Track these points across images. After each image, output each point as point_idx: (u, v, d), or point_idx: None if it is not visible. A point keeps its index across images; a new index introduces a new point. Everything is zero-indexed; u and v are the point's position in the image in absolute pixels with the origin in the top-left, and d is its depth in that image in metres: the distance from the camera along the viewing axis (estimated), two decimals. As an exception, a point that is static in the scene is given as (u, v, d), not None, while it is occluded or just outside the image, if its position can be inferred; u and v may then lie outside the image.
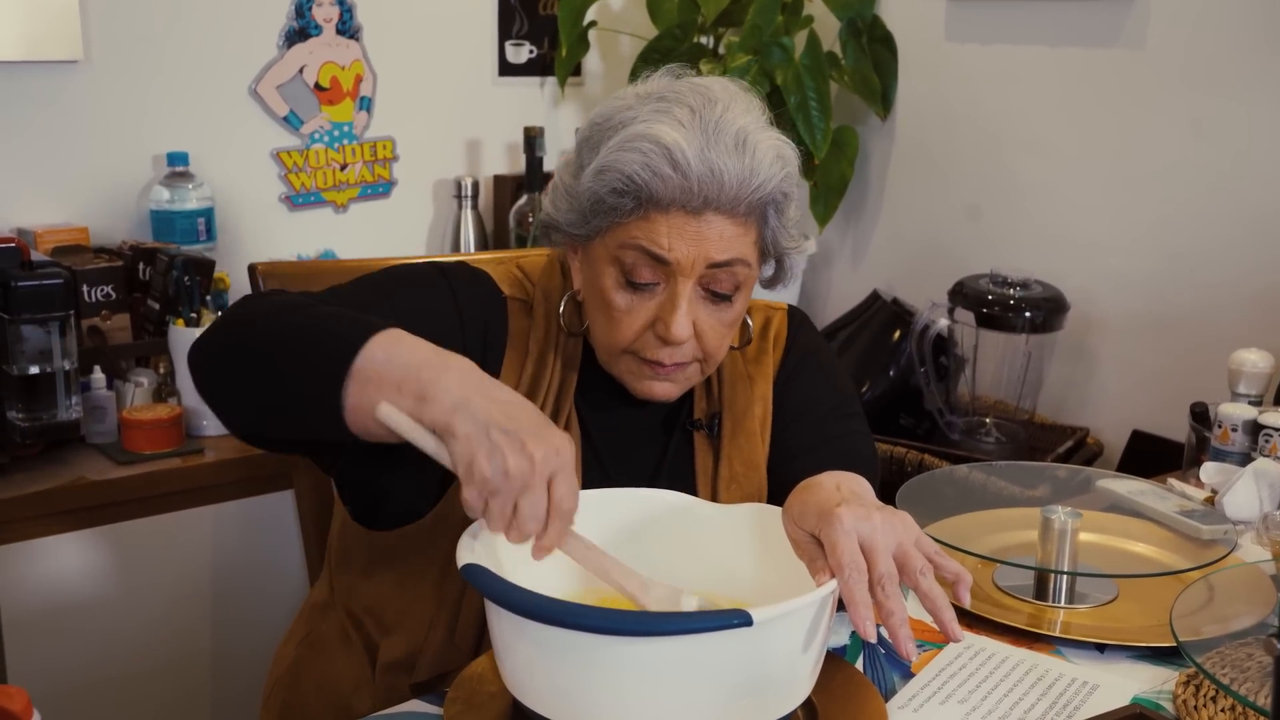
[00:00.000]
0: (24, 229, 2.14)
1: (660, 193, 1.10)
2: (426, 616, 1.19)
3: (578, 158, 1.17)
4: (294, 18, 2.41)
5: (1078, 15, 2.27)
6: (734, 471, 1.24)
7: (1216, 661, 1.07)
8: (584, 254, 1.19)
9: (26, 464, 1.88)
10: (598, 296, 1.17)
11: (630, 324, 1.15)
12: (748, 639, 0.87)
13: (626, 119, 1.12)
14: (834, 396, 1.31)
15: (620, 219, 1.12)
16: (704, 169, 1.09)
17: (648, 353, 1.17)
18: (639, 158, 1.09)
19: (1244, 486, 1.50)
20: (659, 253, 1.12)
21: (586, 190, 1.13)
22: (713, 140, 1.09)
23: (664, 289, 1.14)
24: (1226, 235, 2.11)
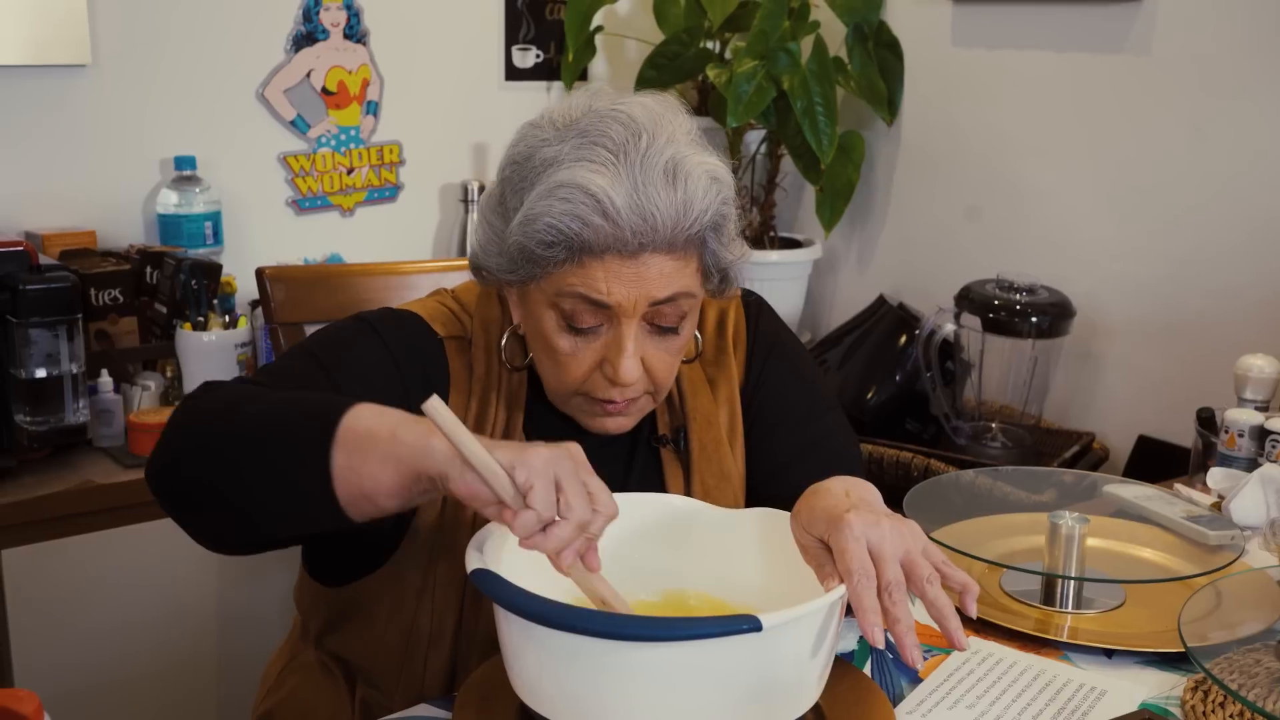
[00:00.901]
0: (32, 232, 2.14)
1: (593, 241, 1.03)
2: (394, 663, 1.18)
3: (501, 198, 1.11)
4: (301, 22, 2.41)
5: (1084, 21, 2.27)
6: (706, 485, 1.22)
7: (1225, 667, 1.07)
8: (520, 294, 1.13)
9: (34, 467, 1.89)
10: (540, 340, 1.12)
11: (577, 366, 1.11)
12: (757, 644, 0.87)
13: (548, 158, 1.05)
14: (808, 392, 1.28)
15: (552, 269, 1.06)
16: (635, 217, 1.03)
17: (598, 393, 1.12)
18: (567, 207, 1.02)
19: (1251, 492, 1.50)
20: (598, 298, 1.06)
21: (514, 241, 1.06)
22: (641, 181, 1.03)
23: (608, 329, 1.09)
24: (1233, 241, 2.11)
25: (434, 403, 0.89)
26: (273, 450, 0.95)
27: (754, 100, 2.37)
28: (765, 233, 2.67)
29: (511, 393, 1.19)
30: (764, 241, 2.66)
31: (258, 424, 0.97)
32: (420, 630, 1.16)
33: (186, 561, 1.97)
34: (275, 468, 0.95)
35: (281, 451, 0.95)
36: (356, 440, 0.92)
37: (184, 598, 1.98)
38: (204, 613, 2.02)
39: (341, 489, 0.93)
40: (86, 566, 1.89)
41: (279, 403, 0.99)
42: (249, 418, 0.98)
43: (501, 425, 1.17)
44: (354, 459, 0.92)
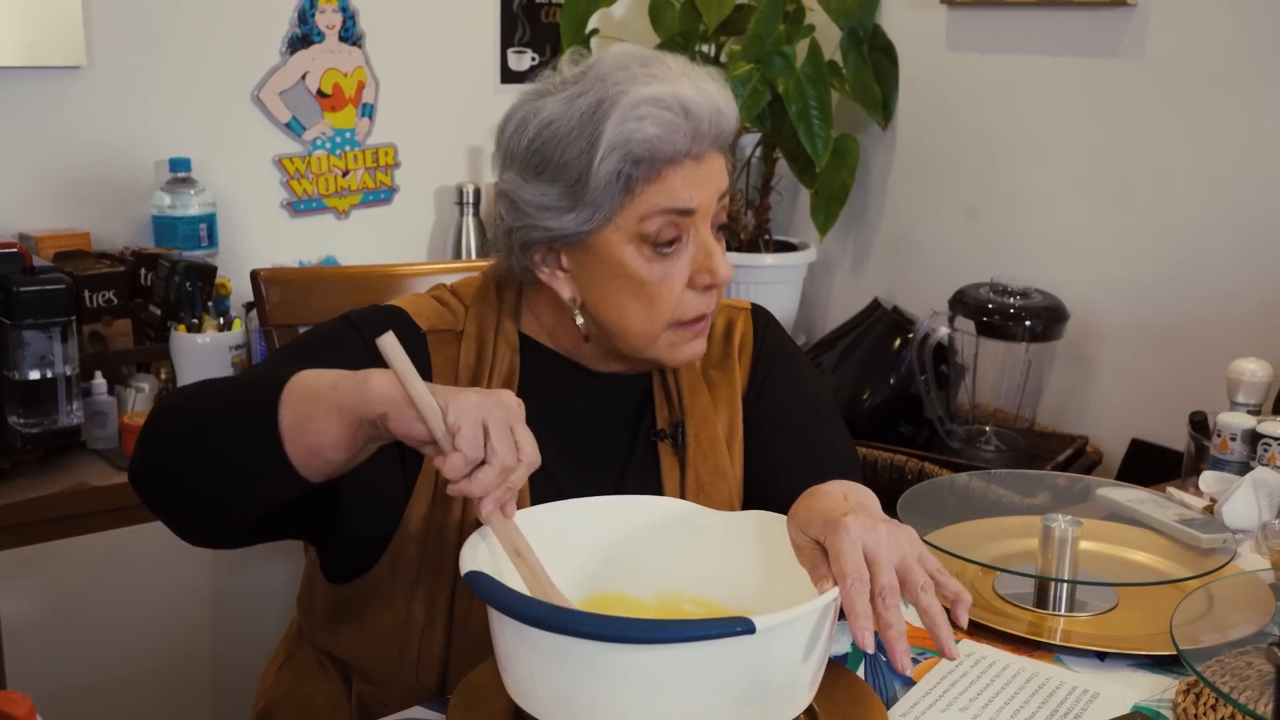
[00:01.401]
0: (26, 234, 2.14)
1: (677, 146, 1.11)
2: (390, 663, 1.19)
3: (544, 161, 1.15)
4: (297, 24, 2.41)
5: (1077, 25, 2.28)
6: (700, 480, 1.23)
7: (1216, 670, 1.08)
8: (583, 252, 1.16)
9: (28, 469, 1.88)
10: (624, 283, 1.15)
11: (670, 291, 1.16)
12: (750, 646, 0.87)
13: (605, 96, 1.12)
14: (809, 401, 1.30)
15: (637, 192, 1.12)
16: (705, 110, 1.12)
17: (690, 313, 1.17)
18: (653, 117, 1.10)
19: (1243, 495, 1.50)
20: (683, 206, 1.13)
21: (602, 177, 1.11)
22: (695, 82, 1.14)
23: (687, 242, 1.16)
24: (1226, 245, 2.12)
25: (387, 339, 0.95)
26: (227, 424, 1.02)
27: (749, 104, 2.38)
28: (760, 236, 2.67)
29: (504, 381, 1.21)
30: (759, 245, 2.66)
31: (214, 404, 1.04)
32: (414, 619, 1.17)
33: (180, 564, 1.97)
34: (230, 440, 1.01)
35: (235, 424, 1.01)
36: (300, 398, 0.98)
37: (177, 600, 1.98)
38: (197, 615, 2.01)
39: (291, 448, 0.98)
40: (80, 569, 1.89)
41: (232, 383, 1.06)
42: (206, 400, 1.05)
43: None
44: (300, 416, 0.97)
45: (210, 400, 1.05)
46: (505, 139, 1.19)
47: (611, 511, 1.10)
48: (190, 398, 1.07)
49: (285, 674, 1.33)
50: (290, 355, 1.18)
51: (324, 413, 0.97)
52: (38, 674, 1.84)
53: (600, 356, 1.24)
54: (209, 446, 1.02)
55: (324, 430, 0.97)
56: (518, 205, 1.16)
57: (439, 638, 1.17)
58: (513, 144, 1.17)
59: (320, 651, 1.28)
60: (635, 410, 1.27)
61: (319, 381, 0.99)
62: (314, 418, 0.97)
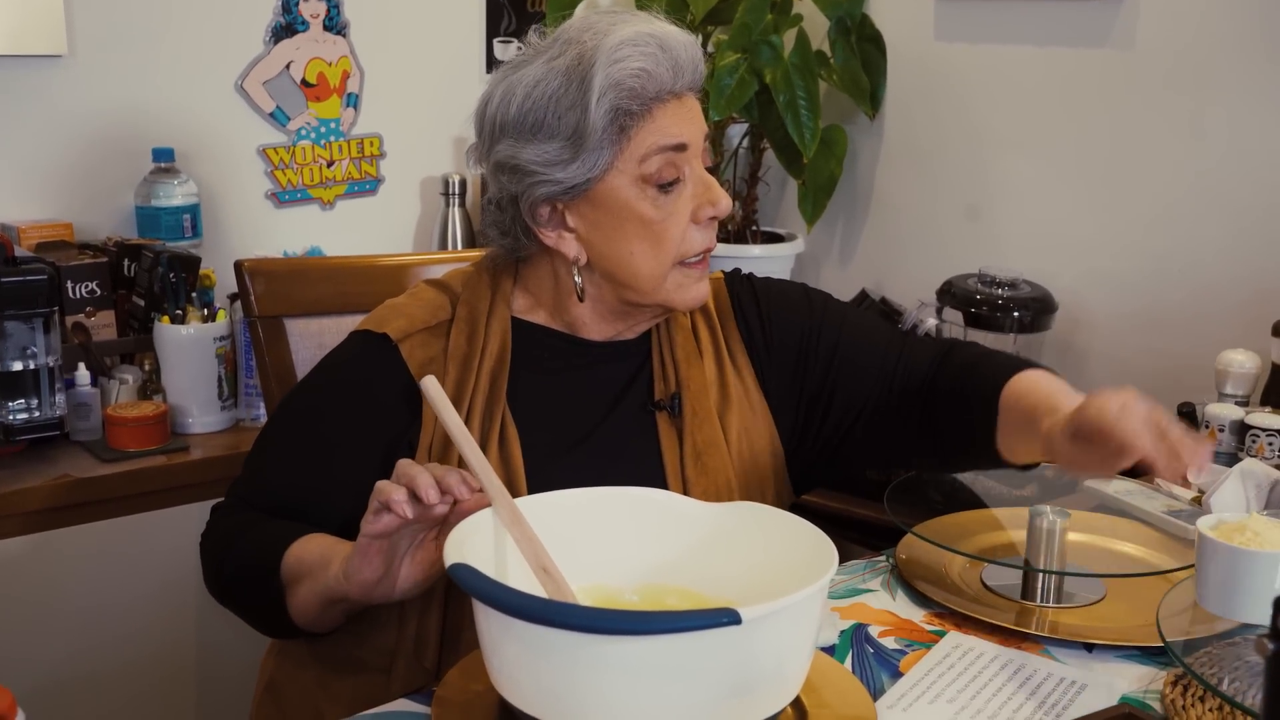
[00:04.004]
0: (7, 224, 2.12)
1: (661, 81, 1.18)
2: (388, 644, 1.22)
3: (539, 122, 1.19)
4: (281, 13, 2.40)
5: (1067, 15, 2.27)
6: (698, 448, 1.27)
7: (1204, 661, 1.07)
8: (587, 205, 1.21)
9: (10, 461, 1.87)
10: (632, 226, 1.21)
11: (676, 227, 1.21)
12: (736, 638, 0.87)
13: (588, 49, 1.17)
14: (808, 311, 1.36)
15: (629, 133, 1.18)
16: (679, 48, 1.19)
17: (695, 248, 1.23)
18: (636, 55, 1.16)
19: (1231, 486, 1.50)
20: (678, 140, 1.20)
21: (599, 119, 1.17)
22: (665, 26, 1.20)
23: (686, 180, 1.22)
24: (1215, 236, 2.12)
25: (428, 382, 1.06)
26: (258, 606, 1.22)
27: (736, 94, 2.37)
28: (747, 227, 2.67)
29: (495, 361, 1.25)
30: (746, 236, 2.65)
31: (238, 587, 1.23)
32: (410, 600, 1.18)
33: (164, 555, 1.96)
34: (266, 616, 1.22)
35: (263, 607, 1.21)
36: (290, 591, 1.16)
37: (162, 593, 1.97)
38: (182, 607, 2.00)
39: (304, 625, 1.18)
40: (63, 561, 1.88)
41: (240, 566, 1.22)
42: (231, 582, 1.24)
43: (485, 392, 1.24)
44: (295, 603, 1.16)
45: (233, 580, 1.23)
46: (490, 114, 1.23)
47: (593, 502, 1.10)
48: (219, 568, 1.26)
49: (281, 659, 1.33)
50: (301, 440, 1.26)
51: (308, 602, 1.14)
52: (20, 668, 1.83)
53: (599, 318, 1.28)
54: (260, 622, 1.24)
55: (314, 615, 1.16)
56: (520, 168, 1.21)
57: (435, 618, 1.19)
58: (500, 115, 1.22)
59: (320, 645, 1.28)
60: (628, 381, 1.30)
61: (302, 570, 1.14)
62: (303, 611, 1.16)
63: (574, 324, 1.29)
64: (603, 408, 1.28)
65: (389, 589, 1.06)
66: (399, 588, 1.07)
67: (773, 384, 1.34)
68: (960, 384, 1.29)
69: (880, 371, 1.34)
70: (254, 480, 1.28)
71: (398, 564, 1.06)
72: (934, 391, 1.31)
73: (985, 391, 1.24)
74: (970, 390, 1.27)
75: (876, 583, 1.31)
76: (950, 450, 1.32)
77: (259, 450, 1.29)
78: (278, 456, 1.27)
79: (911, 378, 1.33)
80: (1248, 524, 1.13)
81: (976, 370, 1.29)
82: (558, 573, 1.01)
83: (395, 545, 1.05)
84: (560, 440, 1.25)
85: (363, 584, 1.06)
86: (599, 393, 1.29)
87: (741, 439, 1.30)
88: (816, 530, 1.02)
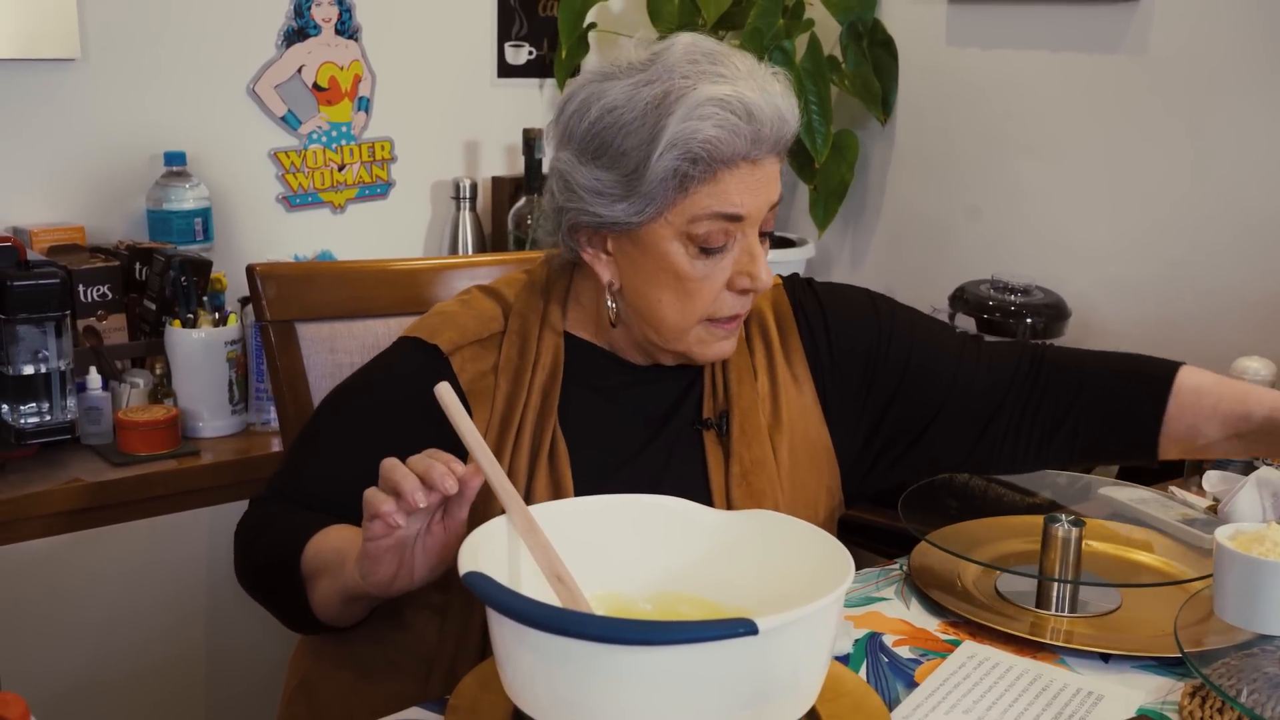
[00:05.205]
0: (20, 228, 2.13)
1: (735, 148, 1.13)
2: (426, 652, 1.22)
3: (602, 147, 1.16)
4: (293, 17, 2.40)
5: (1079, 20, 2.27)
6: (745, 467, 1.25)
7: (1222, 672, 1.07)
8: (629, 241, 1.19)
9: (21, 465, 1.87)
10: (666, 277, 1.18)
11: (710, 290, 1.18)
12: (752, 648, 0.86)
13: (670, 90, 1.12)
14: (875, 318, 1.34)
15: (689, 189, 1.14)
16: (767, 113, 1.13)
17: (725, 312, 1.20)
18: (711, 122, 1.11)
19: (1247, 495, 1.49)
20: (734, 211, 1.15)
21: (659, 171, 1.13)
22: (760, 85, 1.15)
23: (733, 246, 1.18)
24: (1228, 242, 2.11)
25: (441, 388, 1.02)
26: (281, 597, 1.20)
27: (748, 99, 2.36)
28: (758, 232, 2.66)
29: (548, 374, 1.23)
30: (757, 240, 2.65)
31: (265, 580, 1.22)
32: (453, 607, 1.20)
33: (175, 560, 1.96)
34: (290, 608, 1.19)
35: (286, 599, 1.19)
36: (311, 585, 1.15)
37: (172, 597, 1.97)
38: (193, 611, 2.00)
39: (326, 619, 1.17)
40: (74, 565, 1.88)
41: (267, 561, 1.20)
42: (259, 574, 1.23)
43: (536, 407, 1.22)
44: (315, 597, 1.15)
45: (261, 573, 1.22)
46: (565, 117, 1.19)
47: (607, 510, 1.09)
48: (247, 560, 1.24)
49: (314, 660, 1.33)
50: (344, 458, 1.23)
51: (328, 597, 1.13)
52: (31, 673, 1.83)
53: (631, 345, 1.26)
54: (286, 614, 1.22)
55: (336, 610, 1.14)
56: (570, 186, 1.18)
57: (477, 625, 1.19)
58: (573, 124, 1.18)
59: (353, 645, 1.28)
60: (679, 399, 1.28)
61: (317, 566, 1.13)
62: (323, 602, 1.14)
63: (614, 345, 1.28)
64: (653, 426, 1.26)
65: (407, 581, 1.05)
66: (417, 576, 1.05)
67: (834, 395, 1.32)
68: (1110, 383, 1.30)
69: (954, 378, 1.32)
70: (295, 475, 1.26)
71: (410, 556, 1.04)
72: (1059, 393, 1.31)
73: (1153, 387, 1.26)
74: (1128, 388, 1.28)
75: (890, 591, 1.31)
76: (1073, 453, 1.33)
77: (303, 445, 1.28)
78: (322, 455, 1.25)
79: (995, 381, 1.32)
80: (1266, 534, 1.12)
81: (1129, 366, 1.31)
82: (572, 581, 1.00)
83: (402, 542, 1.03)
84: (609, 458, 1.24)
85: (379, 584, 1.05)
86: (650, 411, 1.27)
87: (791, 457, 1.28)
88: (831, 538, 1.02)
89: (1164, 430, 1.27)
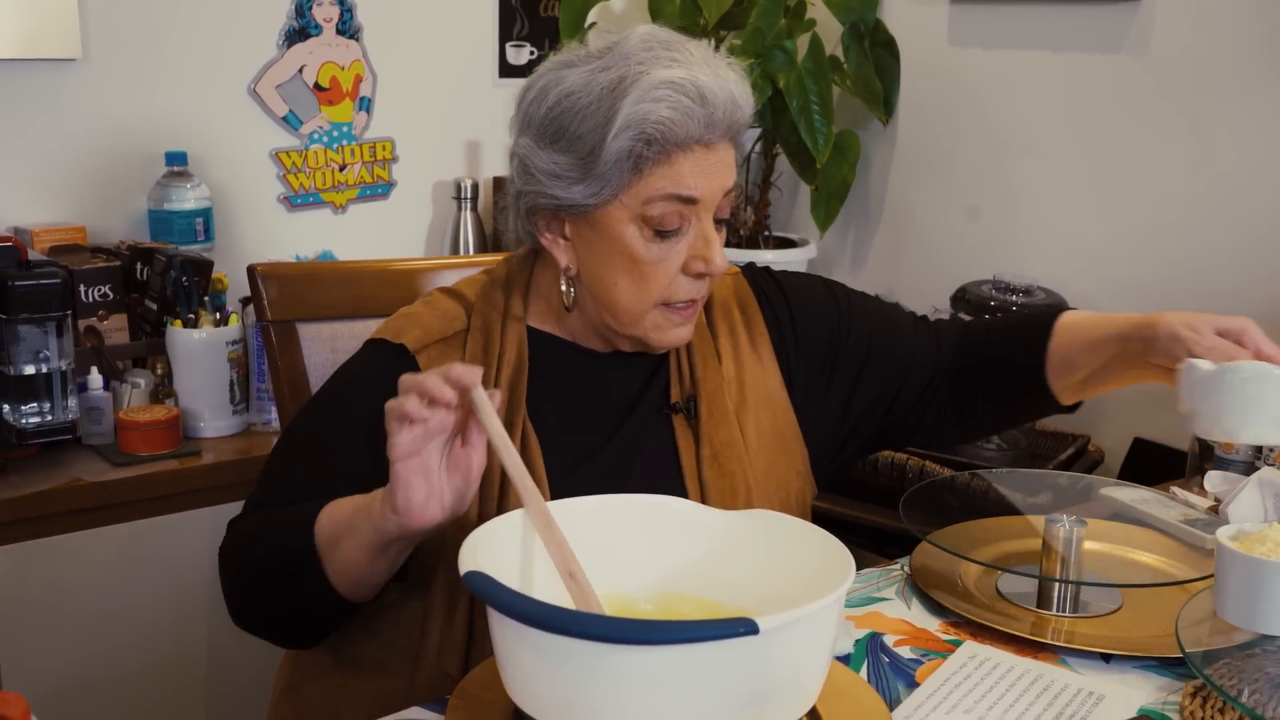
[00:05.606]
0: (21, 228, 2.13)
1: (689, 131, 1.14)
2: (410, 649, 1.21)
3: (560, 130, 1.18)
4: (294, 17, 2.40)
5: (1081, 21, 2.26)
6: (715, 449, 1.27)
7: (1224, 673, 1.06)
8: (585, 224, 1.20)
9: (22, 465, 1.87)
10: (621, 259, 1.19)
11: (665, 273, 1.19)
12: (753, 648, 0.86)
13: (626, 75, 1.15)
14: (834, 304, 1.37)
15: (645, 171, 1.15)
16: (720, 98, 1.15)
17: (680, 296, 1.21)
18: (665, 103, 1.13)
19: (1248, 495, 1.49)
20: (688, 194, 1.17)
21: (614, 152, 1.15)
22: (714, 70, 1.17)
23: (688, 229, 1.19)
24: (1230, 243, 2.10)
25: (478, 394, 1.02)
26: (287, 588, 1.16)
27: (749, 99, 2.36)
28: (760, 232, 2.66)
29: (513, 369, 1.25)
30: (759, 241, 2.65)
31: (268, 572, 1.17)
32: (435, 604, 1.19)
33: (176, 560, 1.96)
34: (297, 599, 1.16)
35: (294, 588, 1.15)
36: (331, 553, 1.10)
37: (173, 596, 1.97)
38: (193, 611, 2.00)
39: (345, 590, 1.12)
40: (75, 565, 1.88)
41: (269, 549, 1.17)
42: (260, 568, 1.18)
43: (504, 397, 1.23)
44: (338, 565, 1.10)
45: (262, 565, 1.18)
46: (525, 104, 1.22)
47: (608, 509, 1.09)
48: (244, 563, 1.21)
49: (308, 653, 1.32)
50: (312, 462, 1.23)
51: (355, 558, 1.09)
52: (32, 672, 1.83)
53: (590, 332, 1.28)
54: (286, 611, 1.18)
55: (363, 570, 1.10)
56: (529, 170, 1.20)
57: (461, 621, 1.19)
58: (532, 110, 1.21)
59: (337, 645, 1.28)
60: (644, 385, 1.30)
61: (337, 529, 1.10)
62: (348, 566, 1.10)
63: (575, 335, 1.29)
64: (621, 413, 1.28)
65: (438, 508, 1.03)
66: (447, 501, 1.04)
67: (799, 378, 1.34)
68: (999, 337, 1.34)
69: (911, 357, 1.36)
70: (276, 488, 1.26)
71: (437, 481, 1.03)
72: (970, 358, 1.35)
73: (1037, 330, 1.29)
74: (1014, 337, 1.32)
75: (891, 591, 1.31)
76: (990, 410, 1.37)
77: (276, 460, 1.28)
78: (296, 467, 1.25)
79: (942, 357, 1.36)
80: (1268, 534, 1.12)
81: (1013, 321, 1.35)
82: (584, 578, 1.00)
83: (428, 461, 1.03)
84: (580, 446, 1.25)
85: (413, 510, 1.02)
86: (617, 398, 1.29)
87: (759, 438, 1.30)
88: (832, 538, 1.02)
89: (1048, 367, 1.30)
